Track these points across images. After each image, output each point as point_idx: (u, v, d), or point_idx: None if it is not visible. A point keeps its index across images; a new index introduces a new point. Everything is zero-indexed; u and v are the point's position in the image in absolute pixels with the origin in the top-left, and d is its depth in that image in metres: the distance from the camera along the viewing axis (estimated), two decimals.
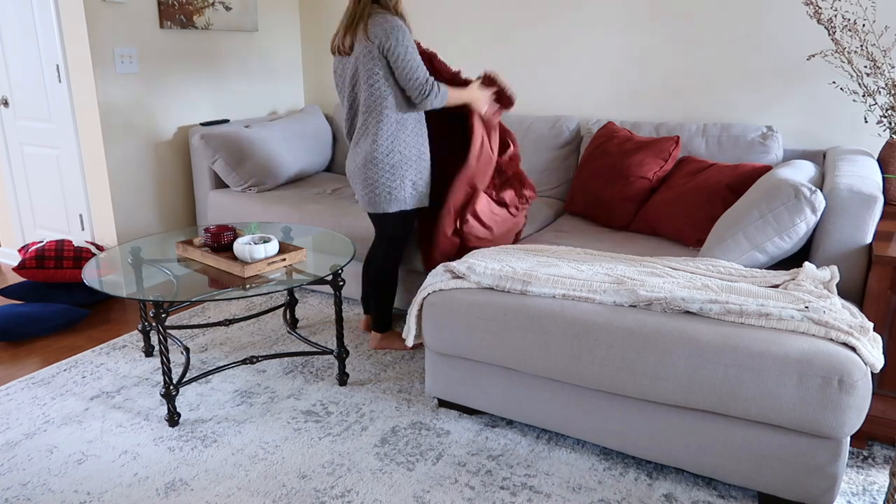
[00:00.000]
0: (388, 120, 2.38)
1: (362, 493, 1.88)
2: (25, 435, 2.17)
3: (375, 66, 2.31)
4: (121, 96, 3.21)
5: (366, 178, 2.45)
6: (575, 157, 3.29)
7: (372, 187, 2.45)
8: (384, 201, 2.47)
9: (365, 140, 2.42)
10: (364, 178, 2.45)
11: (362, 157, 2.43)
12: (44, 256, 3.09)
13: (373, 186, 2.45)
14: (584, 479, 1.95)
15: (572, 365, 1.92)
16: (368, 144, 2.41)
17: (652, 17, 3.17)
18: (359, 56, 2.33)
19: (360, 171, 2.45)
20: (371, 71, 2.32)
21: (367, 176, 2.44)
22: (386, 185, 2.44)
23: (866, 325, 1.73)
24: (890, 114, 2.45)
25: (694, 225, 2.55)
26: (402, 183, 2.45)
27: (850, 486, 1.91)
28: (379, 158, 2.41)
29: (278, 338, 2.88)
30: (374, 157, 2.41)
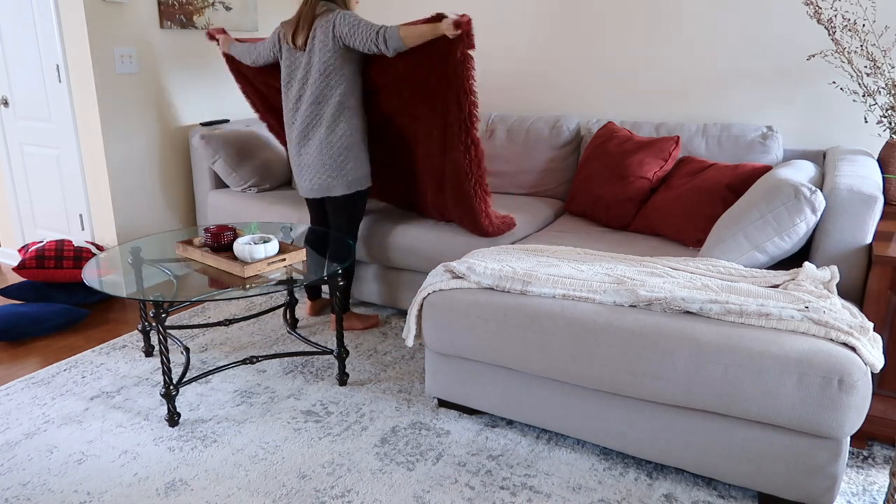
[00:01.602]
0: (339, 108, 2.56)
1: (362, 493, 1.88)
2: (25, 435, 2.17)
3: (334, 62, 2.50)
4: (121, 96, 3.21)
5: (323, 164, 2.61)
6: (575, 157, 3.29)
7: (329, 172, 2.61)
8: (342, 184, 2.64)
9: (318, 129, 2.58)
10: (321, 164, 2.61)
11: (317, 145, 2.59)
12: (44, 256, 3.09)
13: (330, 171, 2.61)
14: (584, 479, 1.95)
15: (572, 365, 1.92)
16: (323, 131, 2.57)
17: (652, 17, 3.17)
18: (317, 58, 2.51)
19: (317, 159, 2.61)
20: (330, 69, 2.51)
21: (324, 161, 2.60)
22: (342, 167, 2.61)
23: (866, 325, 1.73)
24: (890, 114, 2.45)
25: (694, 225, 2.55)
26: (356, 164, 2.64)
27: (850, 486, 1.91)
28: (334, 143, 2.58)
29: (278, 338, 2.88)
30: (329, 142, 2.58)
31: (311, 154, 2.62)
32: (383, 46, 2.40)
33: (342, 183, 2.64)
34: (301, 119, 2.61)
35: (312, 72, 2.53)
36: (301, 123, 2.61)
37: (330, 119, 2.56)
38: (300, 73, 2.58)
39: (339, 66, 2.51)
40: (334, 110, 2.55)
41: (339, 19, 2.45)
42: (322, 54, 2.49)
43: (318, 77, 2.52)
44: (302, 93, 2.59)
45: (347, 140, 2.59)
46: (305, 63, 2.55)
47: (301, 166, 2.68)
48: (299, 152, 2.66)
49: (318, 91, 2.54)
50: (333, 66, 2.50)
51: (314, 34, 2.50)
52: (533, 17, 3.46)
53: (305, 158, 2.64)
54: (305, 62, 2.55)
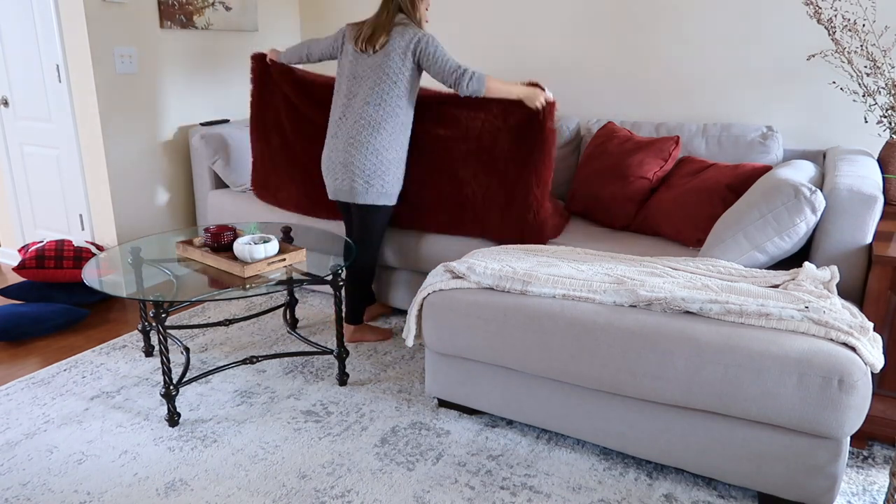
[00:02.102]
0: (397, 120, 2.52)
1: (362, 493, 1.88)
2: (25, 435, 2.17)
3: (404, 74, 2.48)
4: (121, 96, 3.21)
5: (363, 169, 2.52)
6: (575, 157, 3.29)
7: (368, 178, 2.52)
8: (376, 193, 2.55)
9: (366, 131, 2.49)
10: (361, 169, 2.52)
11: (362, 147, 2.50)
12: (44, 256, 3.09)
13: (369, 177, 2.52)
14: (584, 479, 1.95)
15: (572, 365, 1.92)
16: (370, 136, 2.49)
17: (652, 17, 3.17)
18: (389, 62, 2.46)
19: (356, 161, 2.51)
20: (398, 78, 2.48)
21: (366, 167, 2.51)
22: (381, 177, 2.54)
23: (866, 325, 1.73)
24: (890, 114, 2.45)
25: (694, 225, 2.55)
26: (394, 178, 2.58)
27: (850, 486, 1.91)
28: (381, 151, 2.51)
29: (278, 338, 2.88)
30: (376, 149, 2.50)
31: (349, 152, 2.52)
32: (464, 84, 2.45)
33: (373, 192, 2.55)
34: (353, 119, 2.53)
35: (380, 77, 2.48)
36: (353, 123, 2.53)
37: (383, 127, 2.50)
38: (366, 73, 2.50)
39: (406, 81, 2.50)
40: (391, 120, 2.51)
41: (426, 41, 2.45)
42: (395, 64, 2.46)
43: (384, 83, 2.48)
44: (358, 92, 2.52)
45: (394, 153, 2.54)
46: (373, 66, 2.49)
47: (332, 162, 2.58)
48: (337, 147, 2.56)
49: (378, 96, 2.49)
50: (401, 79, 2.48)
51: (391, 42, 2.46)
52: (532, 18, 3.46)
53: (337, 155, 2.55)
54: (373, 65, 2.49)
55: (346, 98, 2.56)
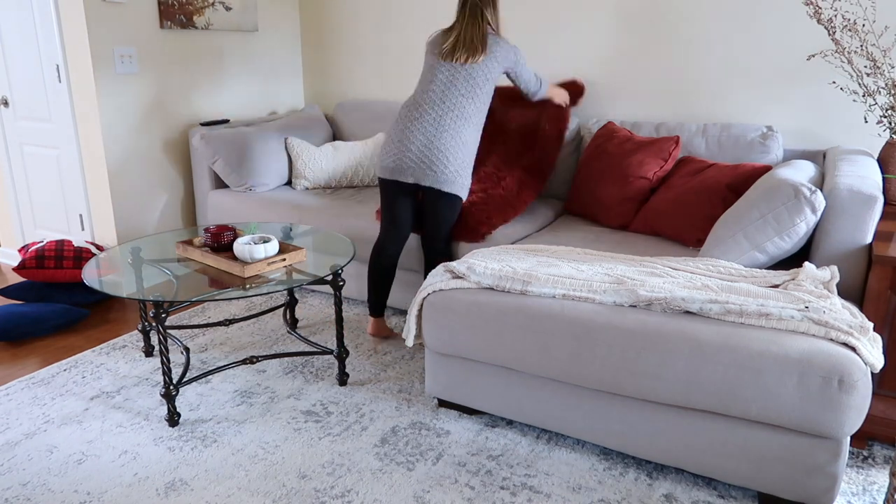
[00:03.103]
0: (477, 123, 2.66)
1: (362, 493, 1.88)
2: (25, 435, 2.17)
3: (490, 78, 2.64)
4: (121, 96, 3.21)
5: (454, 159, 2.59)
6: (575, 157, 3.29)
7: (457, 169, 2.60)
8: (463, 187, 2.64)
9: (457, 127, 2.59)
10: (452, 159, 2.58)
11: (454, 140, 2.58)
12: (44, 256, 3.09)
13: (458, 168, 2.60)
14: (584, 479, 1.95)
15: (572, 365, 1.92)
16: (465, 132, 2.60)
17: (652, 17, 3.17)
18: (486, 69, 2.61)
19: (452, 152, 2.58)
20: (486, 80, 2.62)
21: (459, 157, 2.60)
22: (466, 170, 2.64)
23: (866, 325, 1.73)
24: (890, 114, 2.45)
25: (694, 225, 2.55)
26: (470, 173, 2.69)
27: (850, 486, 1.91)
28: (469, 145, 2.63)
29: (278, 338, 2.88)
30: (467, 145, 2.62)
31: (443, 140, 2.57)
32: (536, 89, 2.87)
33: (459, 183, 2.63)
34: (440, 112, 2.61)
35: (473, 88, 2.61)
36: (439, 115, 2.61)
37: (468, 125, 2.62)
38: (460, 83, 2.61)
39: (492, 90, 2.68)
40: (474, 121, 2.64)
41: (521, 61, 2.73)
42: (490, 75, 2.62)
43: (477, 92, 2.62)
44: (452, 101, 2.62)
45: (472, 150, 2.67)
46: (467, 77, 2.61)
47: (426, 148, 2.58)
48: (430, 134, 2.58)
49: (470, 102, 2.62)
50: (489, 88, 2.65)
51: (489, 57, 2.60)
52: (532, 18, 3.46)
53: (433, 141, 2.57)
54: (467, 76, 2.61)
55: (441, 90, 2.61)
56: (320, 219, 3.13)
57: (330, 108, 4.25)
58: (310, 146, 3.59)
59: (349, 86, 4.14)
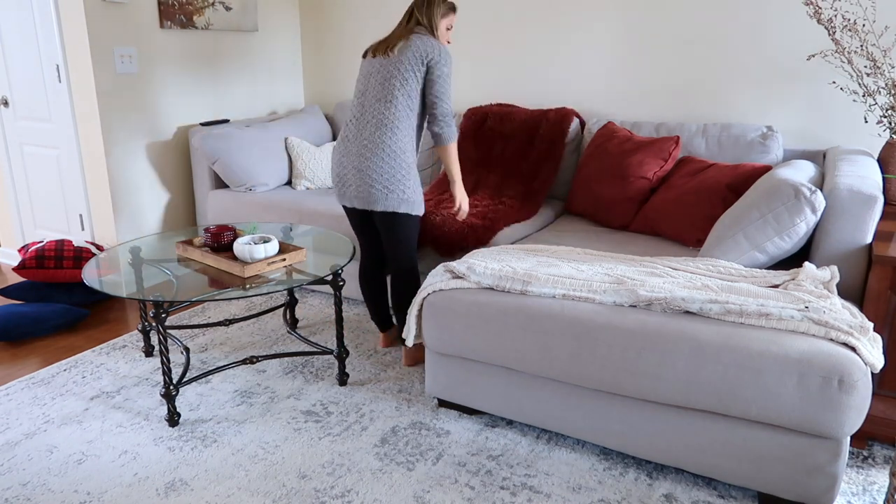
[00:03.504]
0: (408, 127, 2.37)
1: (362, 493, 1.88)
2: (25, 435, 2.17)
3: (415, 74, 2.33)
4: (121, 96, 3.21)
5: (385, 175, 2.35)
6: (575, 157, 3.29)
7: (386, 183, 2.35)
8: (401, 201, 2.38)
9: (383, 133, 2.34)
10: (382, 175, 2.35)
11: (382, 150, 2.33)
12: (44, 256, 3.09)
13: (389, 184, 2.35)
14: (584, 479, 1.95)
15: (572, 365, 1.92)
16: (389, 137, 2.34)
17: (652, 17, 3.17)
18: (403, 61, 2.33)
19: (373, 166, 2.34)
20: (405, 74, 2.33)
21: (393, 171, 2.35)
22: (401, 182, 2.37)
23: (866, 325, 1.73)
24: (890, 114, 2.45)
25: (694, 225, 2.55)
26: (415, 184, 2.41)
27: (850, 486, 1.91)
28: (397, 154, 2.35)
29: (278, 338, 2.88)
30: (393, 151, 2.34)
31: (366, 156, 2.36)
32: (440, 122, 2.38)
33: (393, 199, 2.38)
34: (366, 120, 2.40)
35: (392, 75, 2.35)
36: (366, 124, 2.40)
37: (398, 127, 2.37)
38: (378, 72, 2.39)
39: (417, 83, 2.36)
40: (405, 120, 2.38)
41: (444, 58, 2.35)
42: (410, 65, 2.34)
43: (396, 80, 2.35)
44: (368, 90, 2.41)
45: (410, 157, 2.40)
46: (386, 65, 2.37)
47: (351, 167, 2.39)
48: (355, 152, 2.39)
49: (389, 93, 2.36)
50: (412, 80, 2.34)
51: (409, 47, 2.34)
52: (533, 17, 3.46)
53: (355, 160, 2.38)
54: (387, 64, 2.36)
55: (359, 98, 2.42)
56: (320, 219, 3.13)
57: (330, 108, 4.25)
58: (310, 146, 3.59)
59: (349, 86, 4.14)
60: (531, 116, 3.31)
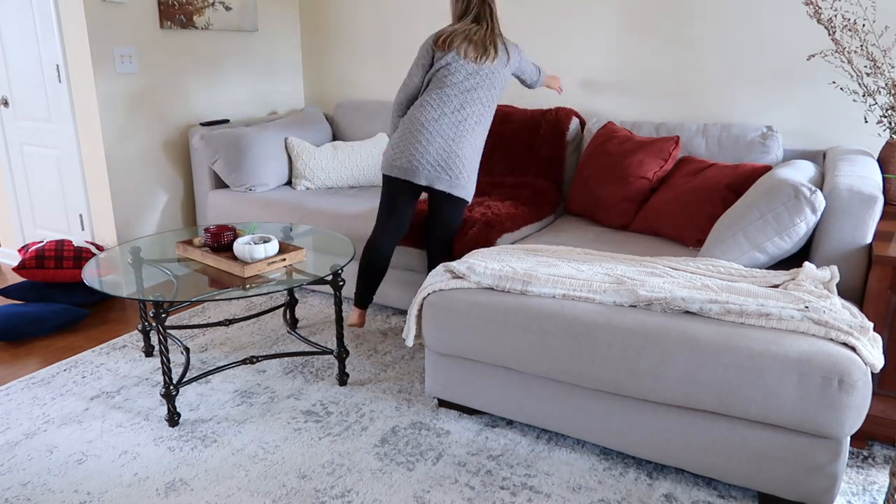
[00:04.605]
0: (487, 126, 2.68)
1: (362, 493, 1.88)
2: (25, 435, 2.17)
3: (504, 80, 2.66)
4: (121, 96, 3.21)
5: (469, 164, 2.60)
6: (575, 157, 3.29)
7: (470, 174, 2.62)
8: (469, 190, 2.64)
9: (474, 132, 2.60)
10: (468, 164, 2.60)
11: (470, 145, 2.59)
12: (44, 256, 3.09)
13: (470, 173, 2.62)
14: (584, 479, 1.95)
15: (572, 365, 1.92)
16: (479, 136, 2.63)
17: (652, 17, 3.17)
18: (499, 67, 2.61)
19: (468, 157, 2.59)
20: (501, 83, 2.65)
21: (471, 162, 2.61)
22: (473, 174, 2.65)
23: (866, 325, 1.73)
24: (890, 114, 2.45)
25: (694, 225, 2.55)
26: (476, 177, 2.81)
27: (850, 486, 1.91)
28: (481, 150, 2.66)
29: (278, 338, 2.88)
30: (479, 149, 2.65)
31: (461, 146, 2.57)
32: (537, 78, 2.86)
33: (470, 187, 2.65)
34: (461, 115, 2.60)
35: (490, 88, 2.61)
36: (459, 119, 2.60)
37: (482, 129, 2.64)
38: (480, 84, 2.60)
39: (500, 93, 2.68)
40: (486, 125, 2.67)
41: (520, 53, 2.70)
42: (503, 76, 2.64)
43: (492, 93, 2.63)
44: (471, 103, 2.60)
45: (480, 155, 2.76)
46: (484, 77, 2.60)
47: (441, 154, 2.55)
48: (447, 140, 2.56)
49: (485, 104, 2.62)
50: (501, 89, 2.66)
51: (500, 57, 2.61)
52: (533, 17, 3.46)
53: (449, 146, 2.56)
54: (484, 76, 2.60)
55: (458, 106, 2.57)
56: (320, 219, 3.13)
57: (330, 108, 4.25)
58: (310, 146, 3.59)
59: (349, 86, 4.15)
60: (531, 117, 3.31)
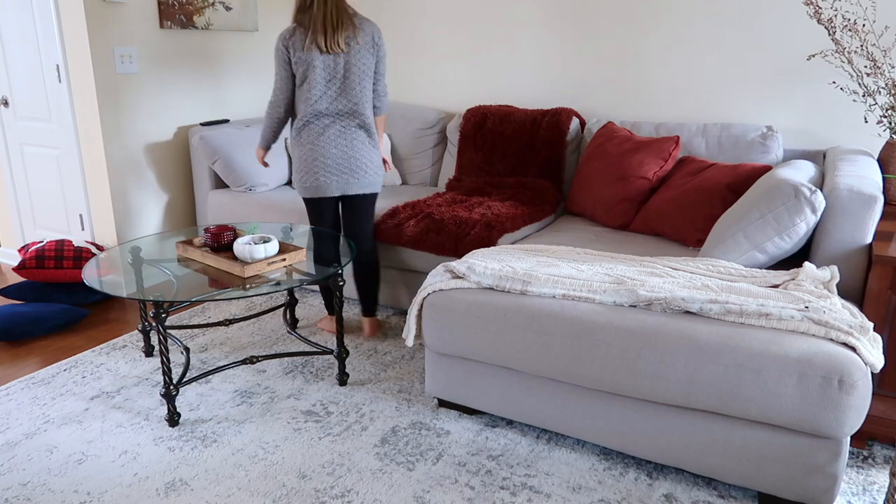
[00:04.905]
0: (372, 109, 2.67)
1: (362, 493, 1.88)
2: (25, 435, 2.17)
3: (370, 63, 2.59)
4: (121, 96, 3.21)
5: (371, 161, 2.65)
6: (575, 157, 3.29)
7: (376, 169, 2.67)
8: (380, 181, 2.72)
9: (362, 127, 2.61)
10: (370, 161, 2.64)
11: (364, 141, 2.62)
12: (44, 256, 3.09)
13: (376, 168, 2.67)
14: (584, 479, 1.95)
15: (572, 365, 1.92)
16: (366, 130, 2.62)
17: (652, 17, 3.17)
18: (358, 53, 2.54)
19: (365, 155, 2.62)
20: (368, 67, 2.58)
21: (372, 159, 2.65)
22: (380, 162, 2.71)
23: (866, 325, 1.73)
24: (890, 114, 2.45)
25: (694, 225, 2.55)
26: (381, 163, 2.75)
27: (850, 486, 1.91)
28: (374, 142, 2.67)
29: (278, 338, 2.88)
30: (373, 141, 2.66)
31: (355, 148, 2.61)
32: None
33: (379, 179, 2.72)
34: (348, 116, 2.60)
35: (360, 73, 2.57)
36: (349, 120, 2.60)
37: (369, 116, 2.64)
38: (341, 72, 2.55)
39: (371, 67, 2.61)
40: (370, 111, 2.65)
41: (380, 35, 2.61)
42: (365, 58, 2.57)
43: (365, 77, 2.59)
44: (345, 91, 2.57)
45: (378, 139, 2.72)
46: (347, 65, 2.55)
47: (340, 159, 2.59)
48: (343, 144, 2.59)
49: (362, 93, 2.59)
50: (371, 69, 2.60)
51: (358, 37, 2.54)
52: (533, 17, 3.46)
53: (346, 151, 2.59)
54: (347, 63, 2.55)
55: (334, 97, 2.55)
56: None
57: None
58: None
59: None
60: (531, 117, 3.31)
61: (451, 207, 2.93)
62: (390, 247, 2.92)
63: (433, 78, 3.83)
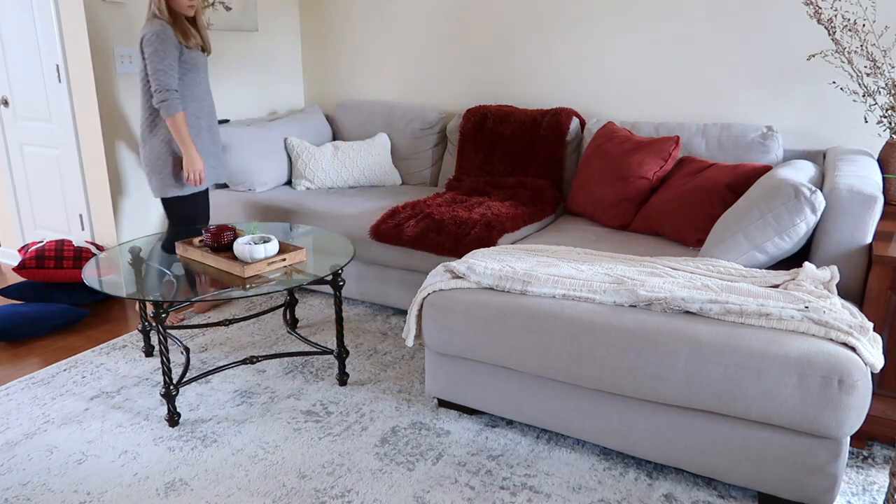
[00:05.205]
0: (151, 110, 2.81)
1: (362, 493, 1.88)
2: (25, 435, 2.17)
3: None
4: (121, 96, 3.21)
5: (173, 163, 2.80)
6: (575, 157, 3.29)
7: (174, 170, 2.82)
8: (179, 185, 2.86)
9: (160, 128, 2.77)
10: (172, 163, 2.80)
11: (163, 143, 2.77)
12: (44, 256, 3.09)
13: (173, 169, 2.82)
14: (584, 479, 1.95)
15: (572, 365, 1.92)
16: (164, 131, 2.77)
17: (652, 17, 3.17)
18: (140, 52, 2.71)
19: (165, 157, 2.79)
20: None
21: (172, 161, 2.79)
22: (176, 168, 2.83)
23: (866, 325, 1.73)
24: (890, 114, 2.45)
25: (694, 225, 2.55)
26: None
27: (850, 486, 1.91)
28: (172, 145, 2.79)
29: (278, 338, 2.88)
30: (170, 145, 2.79)
31: (154, 150, 2.80)
32: (157, 103, 2.68)
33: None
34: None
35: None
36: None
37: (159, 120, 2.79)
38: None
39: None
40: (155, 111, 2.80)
41: (148, 38, 2.66)
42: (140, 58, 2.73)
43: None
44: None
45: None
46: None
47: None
48: (150, 146, 2.81)
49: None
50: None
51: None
52: (534, 17, 3.46)
53: (150, 152, 2.81)
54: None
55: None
56: (320, 219, 3.13)
57: (330, 108, 4.25)
58: (310, 146, 3.59)
59: (349, 86, 4.15)
60: (531, 117, 3.31)
61: (451, 207, 2.93)
62: (390, 247, 2.92)
63: (433, 78, 3.83)
